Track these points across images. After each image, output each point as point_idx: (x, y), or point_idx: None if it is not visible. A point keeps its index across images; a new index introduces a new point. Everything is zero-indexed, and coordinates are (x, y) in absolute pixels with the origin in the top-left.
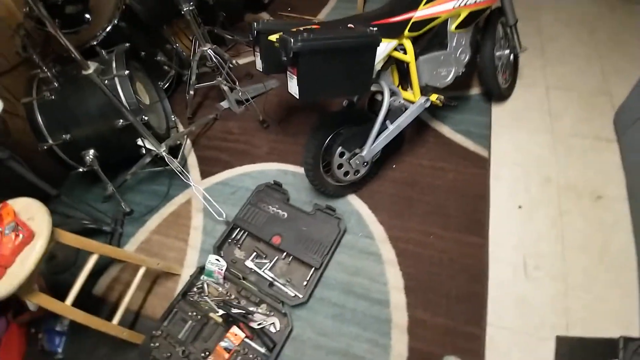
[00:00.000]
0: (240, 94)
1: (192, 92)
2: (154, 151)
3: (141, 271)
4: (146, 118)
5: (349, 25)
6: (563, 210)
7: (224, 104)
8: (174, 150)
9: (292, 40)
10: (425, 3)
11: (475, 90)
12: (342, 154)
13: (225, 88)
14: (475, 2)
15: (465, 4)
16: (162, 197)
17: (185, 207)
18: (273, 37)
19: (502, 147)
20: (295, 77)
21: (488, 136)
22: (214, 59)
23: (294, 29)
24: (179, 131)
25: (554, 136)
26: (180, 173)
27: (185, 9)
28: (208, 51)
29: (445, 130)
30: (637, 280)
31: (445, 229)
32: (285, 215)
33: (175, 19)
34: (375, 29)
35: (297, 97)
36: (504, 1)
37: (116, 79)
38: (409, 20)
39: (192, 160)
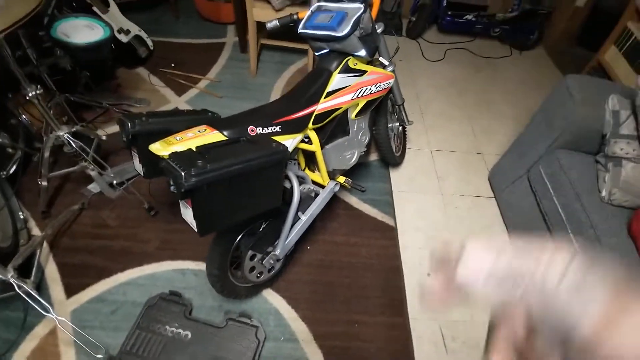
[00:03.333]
0: (113, 177)
1: (45, 183)
2: None
3: None
4: None
5: (249, 128)
6: None
7: (93, 188)
8: (28, 261)
9: (183, 175)
10: (326, 96)
11: (373, 157)
12: (252, 257)
13: (93, 173)
14: (371, 92)
15: (362, 95)
16: (20, 327)
17: (50, 340)
18: (157, 150)
19: (404, 213)
20: (191, 210)
21: (391, 203)
22: (73, 145)
23: (183, 149)
24: (30, 232)
25: (444, 197)
26: (33, 300)
27: (30, 94)
28: (65, 136)
29: (353, 200)
30: None
31: (368, 313)
32: (189, 335)
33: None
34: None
35: (196, 232)
36: (392, 85)
37: None
38: (312, 113)
39: (52, 271)
